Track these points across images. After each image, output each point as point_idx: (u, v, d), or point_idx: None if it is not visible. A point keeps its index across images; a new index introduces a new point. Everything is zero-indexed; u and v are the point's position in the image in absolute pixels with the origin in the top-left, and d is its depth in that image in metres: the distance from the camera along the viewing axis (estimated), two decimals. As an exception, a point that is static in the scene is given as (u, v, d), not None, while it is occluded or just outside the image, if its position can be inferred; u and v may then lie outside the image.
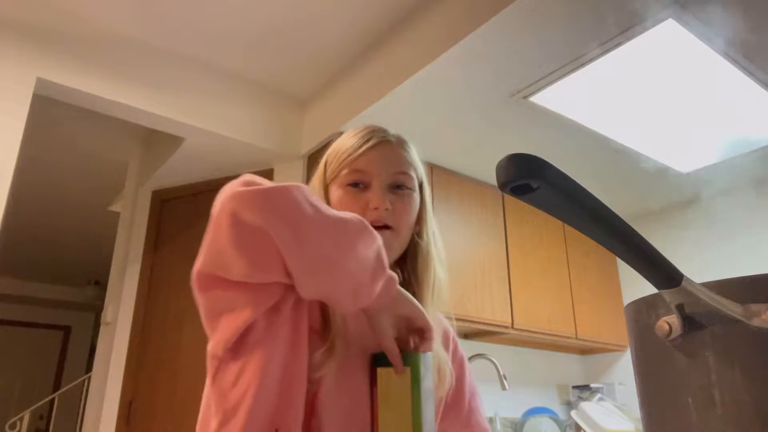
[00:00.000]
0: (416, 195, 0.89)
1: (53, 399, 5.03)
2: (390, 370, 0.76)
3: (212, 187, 3.01)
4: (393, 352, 0.74)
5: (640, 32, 1.83)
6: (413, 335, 0.75)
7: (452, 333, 1.00)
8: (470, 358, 2.73)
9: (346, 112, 2.45)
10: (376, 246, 0.69)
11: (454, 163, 2.79)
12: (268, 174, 2.80)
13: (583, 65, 2.01)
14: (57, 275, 6.00)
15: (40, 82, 2.17)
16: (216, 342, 0.69)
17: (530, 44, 1.94)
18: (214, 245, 0.65)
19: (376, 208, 0.83)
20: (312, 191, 0.87)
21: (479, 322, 2.63)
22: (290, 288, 0.68)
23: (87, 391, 3.66)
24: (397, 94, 2.22)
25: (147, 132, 3.15)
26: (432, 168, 2.74)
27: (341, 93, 2.55)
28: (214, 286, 0.66)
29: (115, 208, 3.82)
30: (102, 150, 3.34)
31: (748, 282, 0.47)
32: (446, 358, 0.90)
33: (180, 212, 3.01)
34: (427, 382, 0.76)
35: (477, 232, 2.79)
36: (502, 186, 0.41)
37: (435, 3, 2.11)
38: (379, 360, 0.77)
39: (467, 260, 2.68)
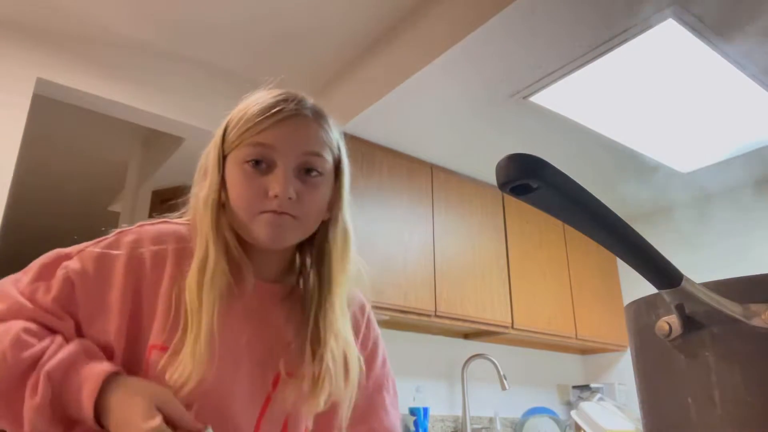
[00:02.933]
0: (328, 179, 0.76)
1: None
2: None
3: (212, 187, 3.02)
4: None
5: (640, 32, 1.83)
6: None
7: (368, 309, 0.89)
8: (470, 358, 2.73)
9: (346, 113, 2.45)
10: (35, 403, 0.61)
11: (454, 163, 2.79)
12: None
13: (583, 65, 2.01)
14: (57, 275, 6.00)
15: (40, 82, 2.17)
16: None
17: (530, 44, 1.94)
18: None
19: (276, 196, 0.70)
20: (206, 161, 0.78)
21: (479, 322, 2.63)
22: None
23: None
24: (397, 95, 2.22)
25: (147, 132, 3.15)
26: (432, 168, 2.74)
27: (341, 93, 2.55)
28: None
29: (115, 208, 3.83)
30: (102, 150, 3.34)
31: (748, 282, 0.47)
32: (355, 352, 0.79)
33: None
34: None
35: (477, 232, 2.79)
36: (502, 186, 0.41)
37: (435, 4, 2.11)
38: None
39: (467, 260, 2.68)
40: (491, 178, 2.83)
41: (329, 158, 0.76)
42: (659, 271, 0.46)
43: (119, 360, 0.70)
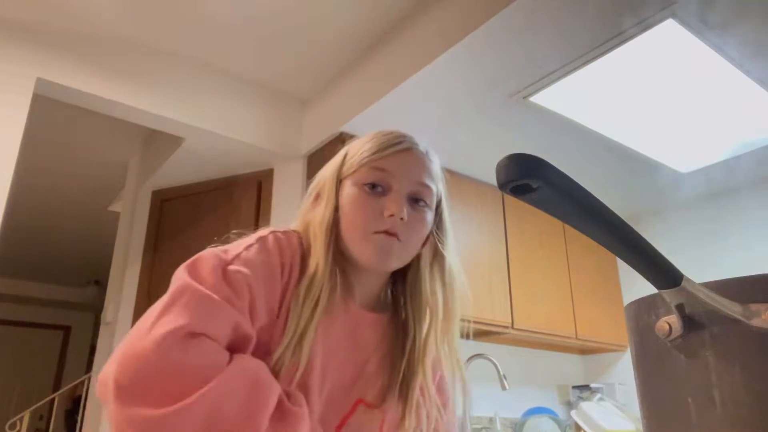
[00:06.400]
0: (431, 214, 0.83)
1: (53, 399, 5.03)
2: None
3: (212, 187, 3.02)
4: None
5: (640, 32, 1.83)
6: None
7: (440, 370, 0.91)
8: (470, 358, 2.73)
9: (346, 112, 2.45)
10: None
11: (454, 163, 2.79)
12: (268, 174, 2.80)
13: (583, 65, 2.01)
14: (57, 275, 6.00)
15: (40, 82, 2.17)
16: None
17: (530, 44, 1.94)
18: None
19: (392, 215, 0.76)
20: (321, 185, 0.83)
21: (479, 322, 2.63)
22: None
23: (87, 391, 3.66)
24: (397, 94, 2.22)
25: (147, 132, 3.15)
26: (432, 168, 2.74)
27: (341, 93, 2.55)
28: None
29: (115, 208, 3.82)
30: (102, 150, 3.34)
31: (748, 282, 0.47)
32: (434, 397, 0.84)
33: (180, 212, 3.01)
34: None
35: (477, 232, 2.79)
36: (502, 186, 0.41)
37: (435, 3, 2.11)
38: None
39: (467, 260, 2.68)
40: (491, 178, 2.83)
41: (435, 191, 0.83)
42: (659, 271, 0.46)
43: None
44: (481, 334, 2.87)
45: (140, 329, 0.60)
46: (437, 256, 0.85)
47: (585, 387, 3.17)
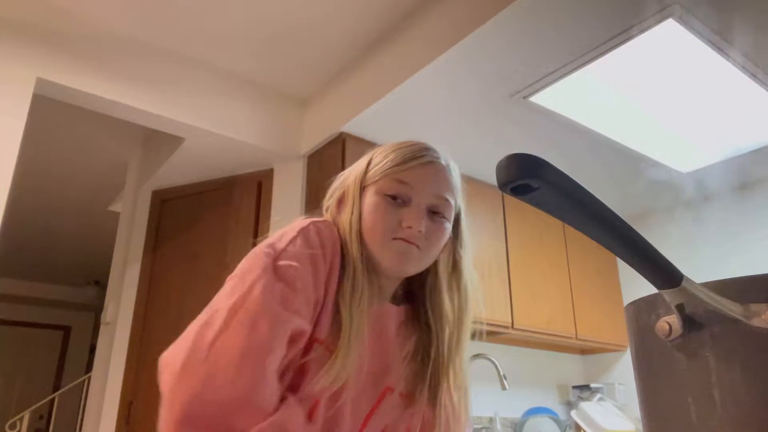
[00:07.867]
0: (449, 226, 0.86)
1: (53, 399, 5.03)
2: None
3: (212, 187, 3.01)
4: None
5: (640, 32, 1.83)
6: None
7: None
8: (470, 358, 2.73)
9: (346, 113, 2.45)
10: None
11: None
12: (268, 174, 2.80)
13: (583, 65, 2.01)
14: (57, 275, 6.00)
15: (40, 82, 2.17)
16: None
17: (530, 44, 1.94)
18: None
19: (410, 227, 0.80)
20: (346, 188, 0.87)
21: (479, 322, 2.62)
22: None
23: (87, 391, 3.66)
24: (396, 95, 2.22)
25: (147, 132, 3.15)
26: (432, 168, 2.74)
27: (341, 93, 2.55)
28: None
29: (115, 208, 3.83)
30: (102, 150, 3.34)
31: (748, 282, 0.47)
32: (456, 405, 0.89)
33: (180, 212, 3.01)
34: None
35: (477, 232, 2.78)
36: (502, 186, 0.41)
37: (435, 4, 2.11)
38: None
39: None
40: (491, 178, 2.83)
41: (453, 206, 0.86)
42: (659, 271, 0.46)
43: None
44: (481, 334, 2.87)
45: (200, 342, 0.68)
46: (455, 269, 0.89)
47: (585, 387, 3.17)
